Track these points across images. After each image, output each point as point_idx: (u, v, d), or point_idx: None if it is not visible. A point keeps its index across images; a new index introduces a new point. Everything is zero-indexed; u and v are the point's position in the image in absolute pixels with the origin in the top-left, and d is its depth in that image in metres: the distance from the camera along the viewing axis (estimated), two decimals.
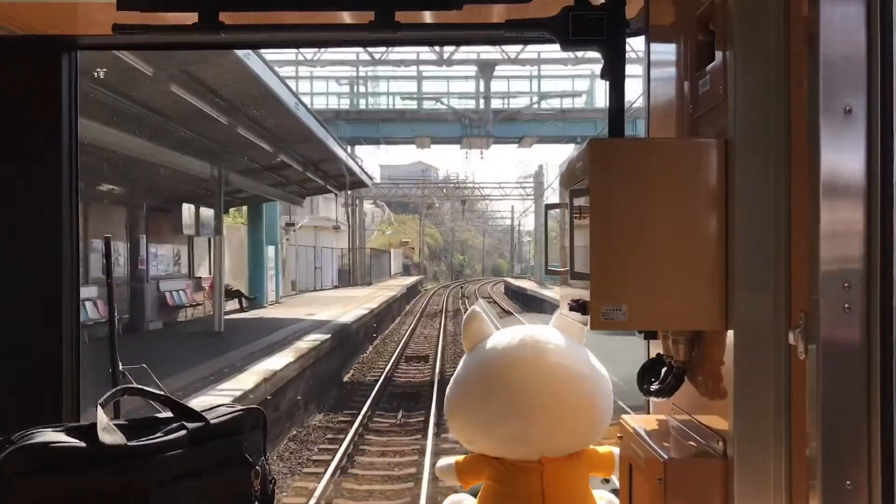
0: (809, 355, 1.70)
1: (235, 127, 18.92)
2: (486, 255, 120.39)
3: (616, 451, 2.60)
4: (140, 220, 24.52)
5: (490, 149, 46.25)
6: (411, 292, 55.74)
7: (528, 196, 68.69)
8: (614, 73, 2.29)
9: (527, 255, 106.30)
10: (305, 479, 11.67)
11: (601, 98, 40.81)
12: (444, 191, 72.34)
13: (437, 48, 38.95)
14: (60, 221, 2.89)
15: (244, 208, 36.18)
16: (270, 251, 34.15)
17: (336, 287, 51.38)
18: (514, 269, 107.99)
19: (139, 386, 2.05)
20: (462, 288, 69.30)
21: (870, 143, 1.64)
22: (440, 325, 34.71)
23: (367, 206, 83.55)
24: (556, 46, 2.31)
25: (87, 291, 18.01)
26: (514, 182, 74.30)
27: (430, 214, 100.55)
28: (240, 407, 1.98)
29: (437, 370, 21.02)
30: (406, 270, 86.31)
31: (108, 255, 2.87)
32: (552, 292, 37.57)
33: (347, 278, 56.02)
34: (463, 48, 39.98)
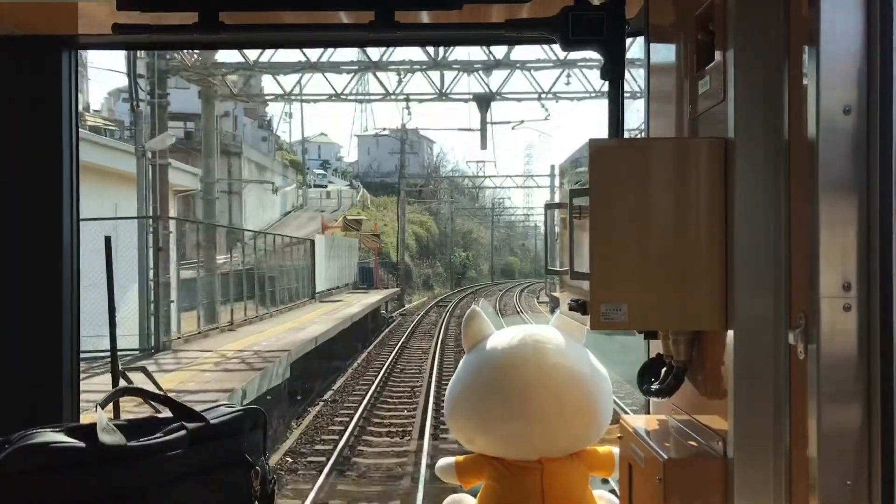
0: (809, 355, 1.70)
1: None
2: (495, 253, 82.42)
3: (616, 451, 2.60)
4: None
5: None
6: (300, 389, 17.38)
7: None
8: (614, 73, 2.29)
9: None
10: None
11: None
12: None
13: None
14: (61, 222, 2.89)
15: None
16: None
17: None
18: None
19: (139, 386, 2.05)
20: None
21: (869, 143, 1.64)
22: None
23: (340, 185, 69.39)
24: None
25: None
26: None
27: (421, 200, 66.00)
28: (240, 407, 1.98)
29: None
30: (366, 277, 44.34)
31: (108, 254, 2.86)
32: None
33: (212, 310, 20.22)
34: None
